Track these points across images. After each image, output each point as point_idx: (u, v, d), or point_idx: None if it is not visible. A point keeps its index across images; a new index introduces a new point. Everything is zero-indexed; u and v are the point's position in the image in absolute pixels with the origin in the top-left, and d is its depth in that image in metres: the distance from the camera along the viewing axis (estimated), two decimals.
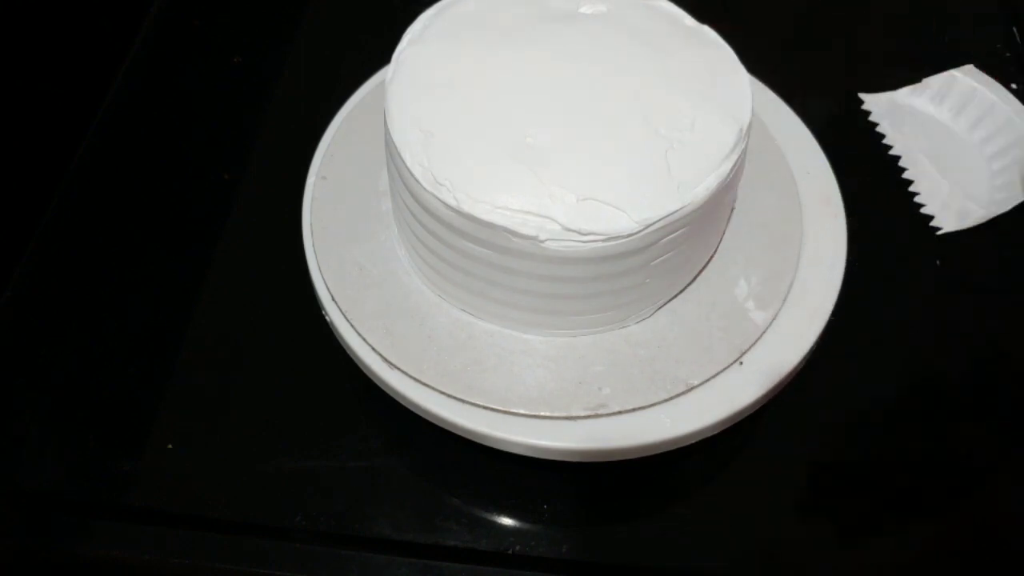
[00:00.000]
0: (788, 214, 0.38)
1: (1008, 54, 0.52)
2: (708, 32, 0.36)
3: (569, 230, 0.31)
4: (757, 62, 0.39)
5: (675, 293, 0.36)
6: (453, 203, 0.31)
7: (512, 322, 0.35)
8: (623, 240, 0.31)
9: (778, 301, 0.36)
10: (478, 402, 0.34)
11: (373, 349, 0.35)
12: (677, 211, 0.31)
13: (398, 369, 0.35)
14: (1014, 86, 0.49)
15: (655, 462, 0.35)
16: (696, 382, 0.34)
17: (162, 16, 0.54)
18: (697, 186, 0.32)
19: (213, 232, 0.45)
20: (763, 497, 0.37)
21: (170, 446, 0.38)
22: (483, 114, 0.33)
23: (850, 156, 0.42)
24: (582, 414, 0.33)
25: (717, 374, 0.34)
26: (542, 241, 0.31)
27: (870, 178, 0.46)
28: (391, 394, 0.35)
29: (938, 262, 0.44)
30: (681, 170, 0.32)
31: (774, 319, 0.36)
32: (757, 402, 0.34)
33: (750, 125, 0.34)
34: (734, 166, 0.33)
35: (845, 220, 0.39)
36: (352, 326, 0.36)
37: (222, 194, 0.46)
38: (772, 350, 0.35)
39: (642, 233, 0.31)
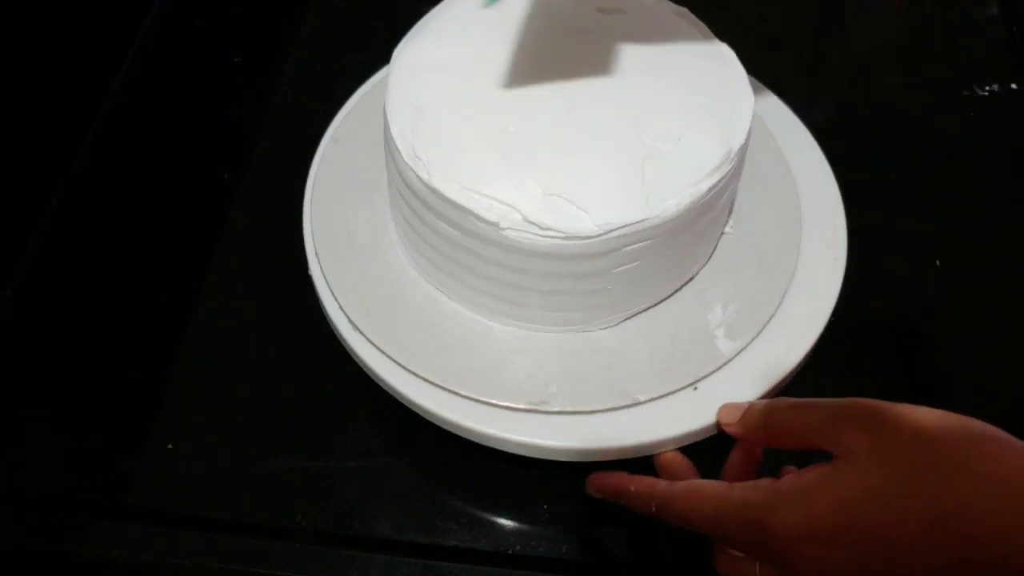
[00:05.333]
0: (785, 247, 0.37)
1: (1008, 54, 0.52)
2: (726, 51, 0.36)
3: (530, 222, 0.31)
4: (756, 61, 0.39)
5: (645, 306, 0.36)
6: (425, 178, 0.32)
7: (477, 307, 0.35)
8: (581, 241, 0.31)
9: (750, 334, 0.35)
10: (424, 375, 0.34)
11: (341, 309, 0.36)
12: (641, 221, 0.31)
13: (359, 331, 0.35)
14: (1014, 86, 0.49)
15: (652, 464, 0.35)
16: (643, 398, 0.34)
17: (162, 16, 0.54)
18: (667, 200, 0.31)
19: (213, 232, 0.45)
20: None
21: (170, 446, 0.38)
22: (474, 100, 0.34)
23: (850, 155, 0.42)
24: (522, 406, 0.33)
25: (667, 395, 0.34)
26: (502, 229, 0.31)
27: (871, 177, 0.46)
28: (349, 352, 0.36)
29: (938, 262, 0.44)
30: (655, 181, 0.32)
31: (741, 351, 0.35)
32: (701, 432, 0.34)
33: (742, 150, 0.33)
34: (713, 187, 0.32)
35: (844, 262, 0.38)
36: (328, 286, 0.36)
37: (222, 194, 0.46)
38: (734, 381, 0.34)
39: (601, 237, 0.31)
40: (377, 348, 0.35)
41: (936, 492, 0.25)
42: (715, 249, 0.37)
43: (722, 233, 0.38)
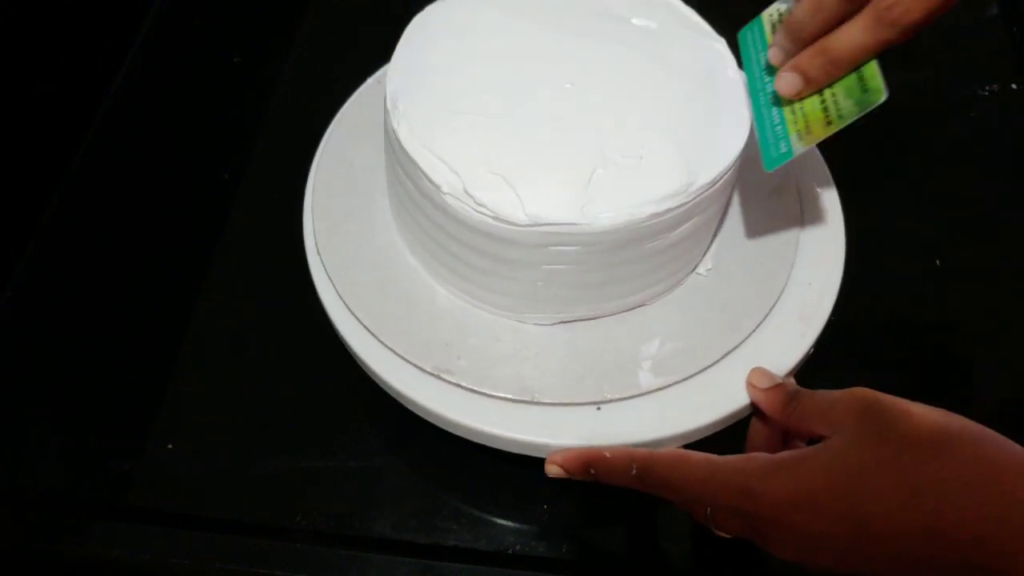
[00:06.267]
0: (754, 307, 0.36)
1: (1008, 54, 0.52)
2: (743, 95, 0.35)
3: (467, 194, 0.31)
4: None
5: (579, 316, 0.35)
6: (394, 126, 0.33)
7: (427, 267, 0.36)
8: (507, 225, 0.31)
9: (675, 376, 0.34)
10: (362, 319, 0.35)
11: (316, 244, 0.37)
12: (570, 224, 0.31)
13: (329, 278, 0.36)
14: (1014, 86, 0.50)
15: None
16: (544, 400, 0.33)
17: (162, 16, 0.54)
18: (603, 213, 0.31)
19: (212, 232, 0.45)
20: None
21: (170, 446, 0.38)
22: (469, 73, 0.35)
23: (850, 156, 0.42)
24: (429, 369, 0.34)
25: (566, 404, 0.34)
26: (443, 192, 0.32)
27: (871, 177, 0.46)
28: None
29: (938, 262, 0.44)
30: (598, 191, 0.31)
31: (660, 390, 0.34)
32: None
33: (709, 189, 0.32)
34: (657, 215, 0.32)
35: (812, 340, 0.36)
36: (312, 217, 0.38)
37: (222, 194, 0.46)
38: (643, 414, 0.34)
39: (528, 228, 0.31)
40: (336, 292, 0.36)
41: (914, 471, 0.26)
42: (680, 283, 0.37)
43: (694, 271, 0.37)
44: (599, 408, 0.34)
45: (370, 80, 0.43)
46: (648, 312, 0.36)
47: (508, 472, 0.37)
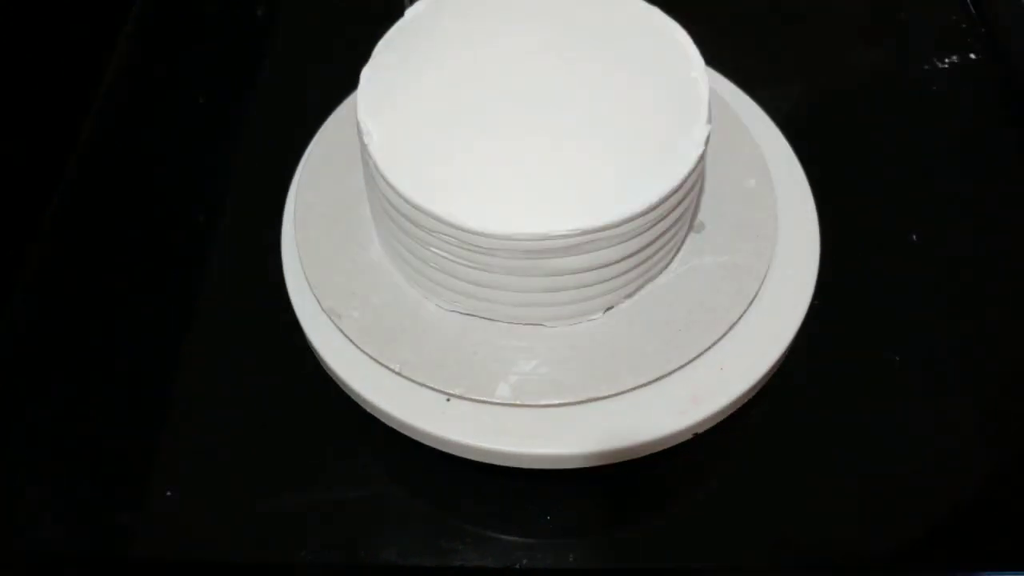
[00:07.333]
0: (709, 323, 0.35)
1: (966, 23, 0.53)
2: (702, 100, 0.35)
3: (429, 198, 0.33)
4: (717, 49, 0.39)
5: (535, 321, 0.36)
6: (364, 138, 0.34)
7: (410, 280, 0.37)
8: (453, 228, 0.32)
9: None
10: (347, 331, 0.36)
11: (297, 250, 0.38)
12: (500, 236, 0.32)
13: (313, 293, 0.37)
14: (973, 56, 0.50)
15: (652, 464, 0.35)
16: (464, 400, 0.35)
17: (123, 66, 0.54)
18: (542, 226, 0.31)
19: (193, 276, 0.44)
20: (765, 497, 0.37)
21: (168, 493, 0.38)
22: (441, 78, 0.35)
23: (811, 141, 0.42)
24: (395, 367, 0.35)
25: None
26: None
27: (836, 162, 0.47)
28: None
29: (914, 237, 0.44)
30: (538, 203, 0.32)
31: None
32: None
33: (643, 216, 0.32)
34: (570, 236, 0.31)
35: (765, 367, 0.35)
36: (297, 250, 0.38)
37: (197, 237, 0.46)
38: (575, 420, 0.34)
39: (475, 234, 0.32)
40: (317, 302, 0.37)
41: None
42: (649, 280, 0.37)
43: (665, 268, 0.37)
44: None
45: (340, 109, 0.43)
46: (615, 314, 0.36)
47: (507, 486, 0.37)
